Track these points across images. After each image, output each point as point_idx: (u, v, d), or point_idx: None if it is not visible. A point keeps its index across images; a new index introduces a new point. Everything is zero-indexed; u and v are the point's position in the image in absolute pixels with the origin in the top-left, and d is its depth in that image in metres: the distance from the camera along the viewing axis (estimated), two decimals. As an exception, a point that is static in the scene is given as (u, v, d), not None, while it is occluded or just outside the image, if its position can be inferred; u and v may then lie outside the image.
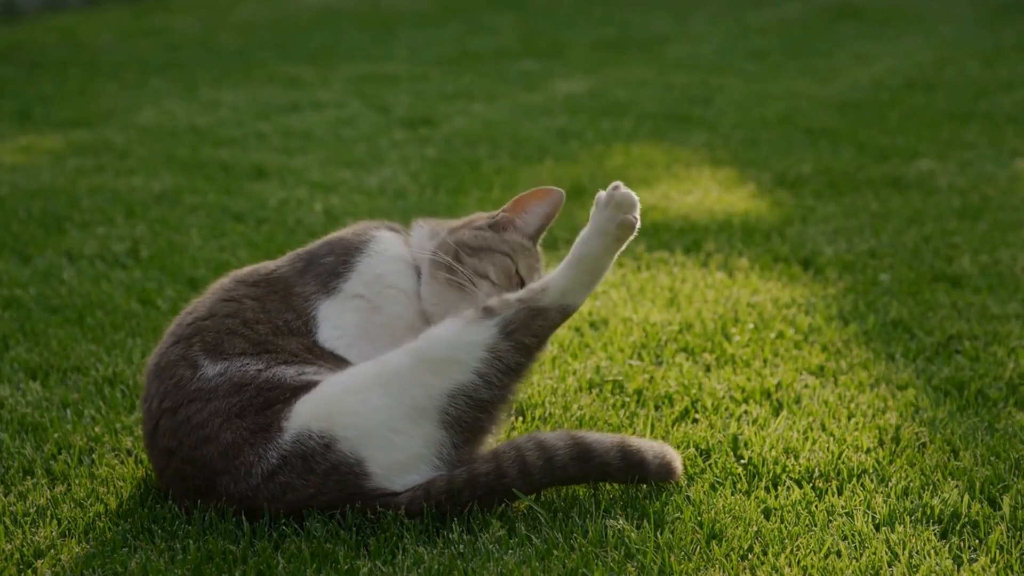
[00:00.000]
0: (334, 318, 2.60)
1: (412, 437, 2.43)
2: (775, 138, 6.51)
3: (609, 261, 2.52)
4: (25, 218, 4.92)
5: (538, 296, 2.48)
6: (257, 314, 2.58)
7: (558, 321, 2.50)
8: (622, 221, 2.47)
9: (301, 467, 2.41)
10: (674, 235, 4.63)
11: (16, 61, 9.61)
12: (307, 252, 2.73)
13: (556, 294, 2.49)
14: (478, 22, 12.26)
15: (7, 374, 3.33)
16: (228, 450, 2.43)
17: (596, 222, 2.50)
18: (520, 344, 2.45)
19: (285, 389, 2.47)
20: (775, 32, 11.26)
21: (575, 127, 6.87)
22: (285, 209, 5.08)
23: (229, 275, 2.73)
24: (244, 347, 2.52)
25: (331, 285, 2.62)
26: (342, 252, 2.68)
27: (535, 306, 2.47)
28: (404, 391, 2.42)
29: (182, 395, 2.49)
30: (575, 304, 2.51)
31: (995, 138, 6.42)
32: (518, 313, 2.46)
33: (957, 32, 11.06)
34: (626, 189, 2.50)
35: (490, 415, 2.48)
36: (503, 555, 2.35)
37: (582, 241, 2.51)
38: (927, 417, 3.01)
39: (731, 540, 2.42)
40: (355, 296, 2.62)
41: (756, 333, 3.57)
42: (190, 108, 7.52)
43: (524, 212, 2.77)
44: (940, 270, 4.18)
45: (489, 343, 2.44)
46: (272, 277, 2.67)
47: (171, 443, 2.48)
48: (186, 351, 2.54)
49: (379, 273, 2.65)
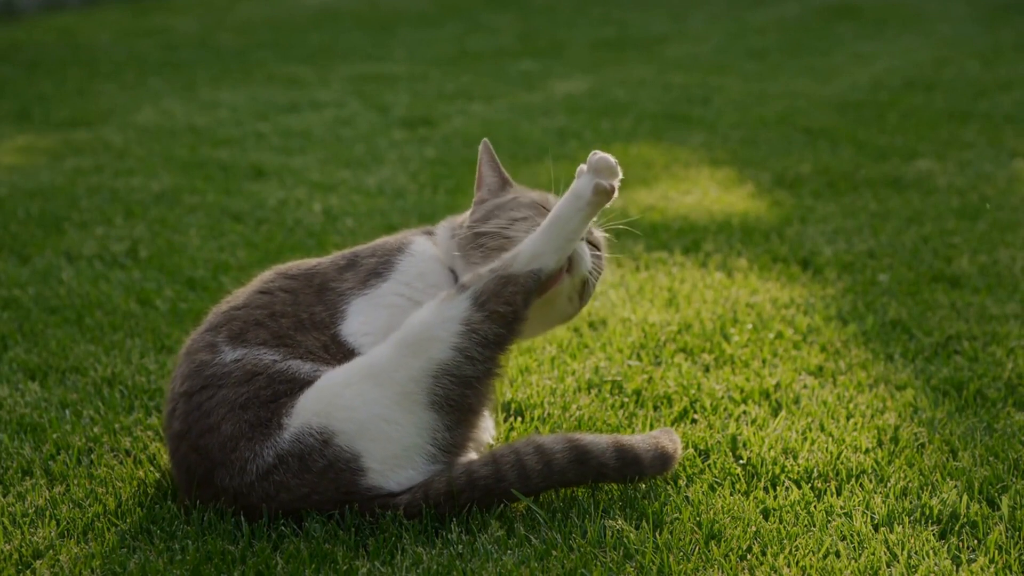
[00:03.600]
0: (366, 313, 2.60)
1: (404, 426, 2.43)
2: (774, 138, 6.51)
3: (581, 225, 2.50)
4: (24, 218, 4.92)
5: (509, 263, 2.49)
6: (285, 307, 2.59)
7: (531, 286, 2.48)
8: (597, 185, 2.47)
9: (297, 466, 2.41)
10: (673, 235, 4.63)
11: (15, 61, 9.61)
12: (351, 252, 2.75)
13: (526, 258, 2.49)
14: (477, 22, 12.26)
15: (6, 374, 3.32)
16: (227, 442, 2.43)
17: (573, 186, 2.52)
18: (495, 313, 2.44)
19: (295, 383, 2.48)
20: (774, 32, 11.26)
21: (574, 127, 6.87)
22: (284, 209, 5.08)
23: (272, 268, 2.75)
24: (265, 337, 2.53)
25: (369, 282, 2.63)
26: (383, 255, 2.69)
27: (505, 273, 2.47)
28: (391, 378, 2.42)
29: (199, 380, 2.50)
30: (546, 268, 2.49)
31: (994, 138, 6.42)
32: (488, 283, 2.46)
33: (956, 32, 11.07)
34: (604, 154, 2.50)
35: (476, 392, 2.46)
36: (502, 556, 2.35)
37: (557, 205, 2.52)
38: (926, 417, 3.01)
39: (730, 540, 2.42)
40: (394, 294, 2.62)
41: (755, 333, 3.57)
42: (189, 108, 7.52)
43: (483, 181, 2.81)
44: (939, 270, 4.18)
45: (463, 316, 2.44)
46: (311, 272, 2.68)
47: (182, 427, 2.49)
48: (214, 337, 2.56)
49: (421, 271, 2.67)
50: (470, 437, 2.51)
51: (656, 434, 2.68)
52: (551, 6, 13.59)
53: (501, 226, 2.65)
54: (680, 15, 12.64)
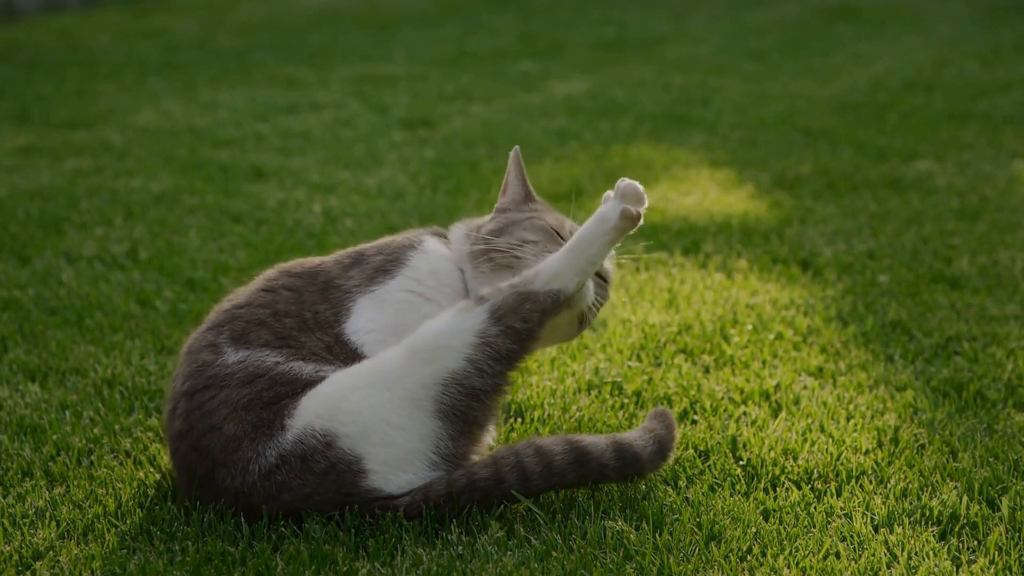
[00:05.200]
0: (372, 311, 2.59)
1: (409, 432, 2.43)
2: (774, 139, 6.51)
3: (604, 249, 2.52)
4: (24, 219, 4.92)
5: (529, 280, 2.50)
6: (289, 306, 2.58)
7: (548, 306, 2.48)
8: (624, 211, 2.49)
9: (299, 467, 2.41)
10: (673, 236, 4.63)
11: (15, 62, 9.61)
12: (356, 251, 2.74)
13: (546, 277, 2.50)
14: (476, 22, 12.26)
15: (6, 376, 3.32)
16: (229, 443, 2.43)
17: (599, 211, 2.53)
18: (510, 329, 2.45)
19: (297, 384, 2.48)
20: (774, 32, 11.27)
21: (574, 128, 6.87)
22: (284, 210, 5.08)
23: (276, 266, 2.74)
24: (268, 338, 2.53)
25: (376, 280, 2.62)
26: (391, 252, 2.68)
27: (524, 290, 2.48)
28: (400, 383, 2.43)
29: (201, 380, 2.50)
30: (566, 289, 2.50)
31: (993, 139, 6.42)
32: (507, 298, 2.47)
33: (955, 32, 11.07)
34: (632, 181, 2.52)
35: (484, 405, 2.47)
36: (502, 557, 2.35)
37: (582, 228, 2.53)
38: (926, 418, 3.01)
39: (730, 541, 2.42)
40: (403, 290, 2.62)
41: (755, 334, 3.57)
42: (189, 109, 7.52)
43: (508, 188, 2.82)
44: (939, 271, 4.18)
45: (478, 328, 2.45)
46: (316, 270, 2.67)
47: (183, 427, 2.49)
48: (215, 337, 2.55)
49: (434, 269, 2.67)
50: (472, 450, 2.51)
51: (650, 424, 2.67)
52: (551, 7, 13.59)
53: (511, 244, 2.66)
54: (680, 16, 12.64)
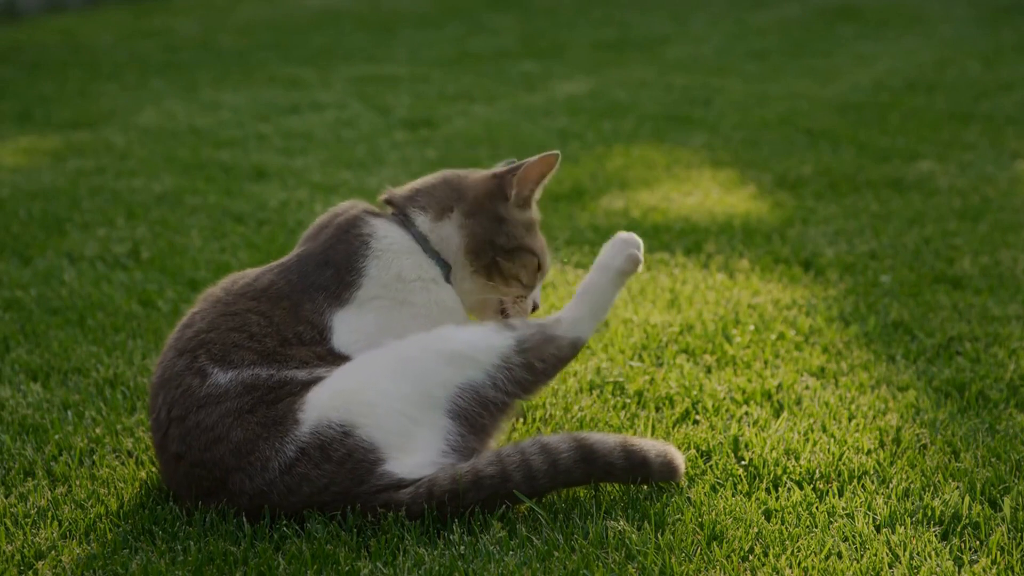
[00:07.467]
0: (351, 323, 2.62)
1: (424, 425, 2.48)
2: (775, 139, 6.52)
3: (613, 293, 2.69)
4: (25, 219, 4.92)
5: (554, 324, 2.64)
6: (264, 328, 2.58)
7: (567, 353, 2.63)
8: (629, 255, 2.66)
9: (319, 456, 2.43)
10: (675, 236, 4.63)
11: (16, 62, 9.61)
12: (296, 264, 2.69)
13: (568, 323, 2.64)
14: (478, 23, 12.27)
15: (8, 375, 3.33)
16: (240, 447, 2.43)
17: (603, 256, 2.70)
18: (530, 364, 2.57)
19: (296, 385, 2.50)
20: (775, 33, 11.27)
21: (575, 128, 6.87)
22: (286, 210, 5.08)
23: (219, 287, 2.70)
24: (252, 358, 2.53)
25: (344, 296, 2.64)
26: (343, 261, 2.66)
27: (550, 332, 2.62)
28: (421, 379, 2.50)
29: (191, 402, 2.49)
30: (584, 335, 2.65)
31: (995, 139, 6.42)
32: (535, 334, 2.60)
33: (957, 33, 11.07)
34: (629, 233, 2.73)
35: (492, 416, 2.55)
36: (504, 556, 2.35)
37: (589, 275, 2.69)
38: (928, 419, 3.01)
39: (732, 541, 2.42)
40: (373, 299, 2.65)
41: (757, 334, 3.57)
42: (190, 109, 7.53)
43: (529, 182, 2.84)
44: (941, 271, 4.18)
45: (505, 353, 2.55)
46: (271, 292, 2.64)
47: (180, 448, 2.49)
48: (191, 362, 2.53)
49: (397, 273, 2.68)
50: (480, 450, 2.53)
51: (667, 443, 2.69)
52: (552, 7, 13.59)
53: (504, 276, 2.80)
54: (681, 16, 12.64)
